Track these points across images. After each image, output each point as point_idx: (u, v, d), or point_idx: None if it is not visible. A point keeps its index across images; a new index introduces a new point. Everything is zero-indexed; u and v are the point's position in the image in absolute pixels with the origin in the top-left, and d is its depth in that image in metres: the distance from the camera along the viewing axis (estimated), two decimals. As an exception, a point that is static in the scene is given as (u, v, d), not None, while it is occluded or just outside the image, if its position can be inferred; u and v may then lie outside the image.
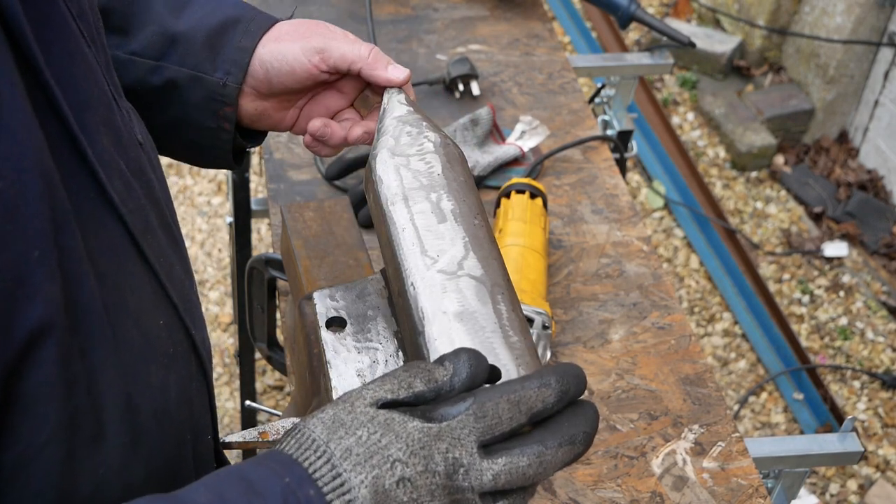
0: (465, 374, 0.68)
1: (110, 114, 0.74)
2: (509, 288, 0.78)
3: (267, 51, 0.95)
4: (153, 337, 0.73)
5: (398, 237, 0.82)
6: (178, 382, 0.77)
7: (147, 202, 0.76)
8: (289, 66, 0.95)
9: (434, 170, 0.85)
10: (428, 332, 0.75)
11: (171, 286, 0.76)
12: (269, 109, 0.99)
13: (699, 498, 1.24)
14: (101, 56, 0.76)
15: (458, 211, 0.82)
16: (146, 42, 0.96)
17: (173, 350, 0.76)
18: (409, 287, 0.78)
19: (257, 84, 0.96)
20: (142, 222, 0.74)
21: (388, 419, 0.65)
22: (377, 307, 0.87)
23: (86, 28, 0.73)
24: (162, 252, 0.76)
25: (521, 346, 0.74)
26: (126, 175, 0.73)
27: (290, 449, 0.65)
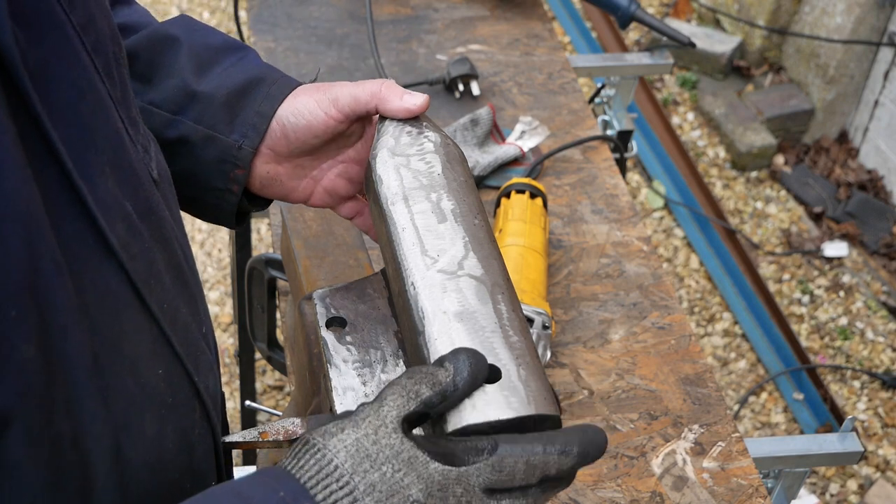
0: (466, 372, 0.69)
1: (120, 153, 0.71)
2: (509, 288, 0.78)
3: (283, 107, 0.93)
4: (149, 386, 0.71)
5: (398, 237, 0.81)
6: (177, 431, 0.75)
7: (154, 244, 0.73)
8: (305, 120, 0.92)
9: (434, 170, 0.85)
10: (428, 331, 0.75)
11: (173, 333, 0.74)
12: (282, 175, 0.96)
13: (699, 498, 1.24)
14: (118, 90, 0.74)
15: (458, 211, 0.82)
16: (166, 94, 0.94)
17: (172, 399, 0.75)
18: (409, 287, 0.78)
19: (274, 143, 0.94)
20: (145, 267, 0.71)
21: (412, 457, 0.65)
22: (377, 307, 0.87)
23: (101, 62, 0.71)
24: (167, 298, 0.74)
25: (521, 346, 0.74)
26: (132, 218, 0.71)
27: (307, 471, 0.65)
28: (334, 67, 1.82)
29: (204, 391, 0.79)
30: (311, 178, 0.97)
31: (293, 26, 1.91)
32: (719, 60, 3.69)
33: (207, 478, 0.83)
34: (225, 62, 0.96)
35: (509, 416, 0.69)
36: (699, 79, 3.75)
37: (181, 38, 0.96)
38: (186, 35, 0.97)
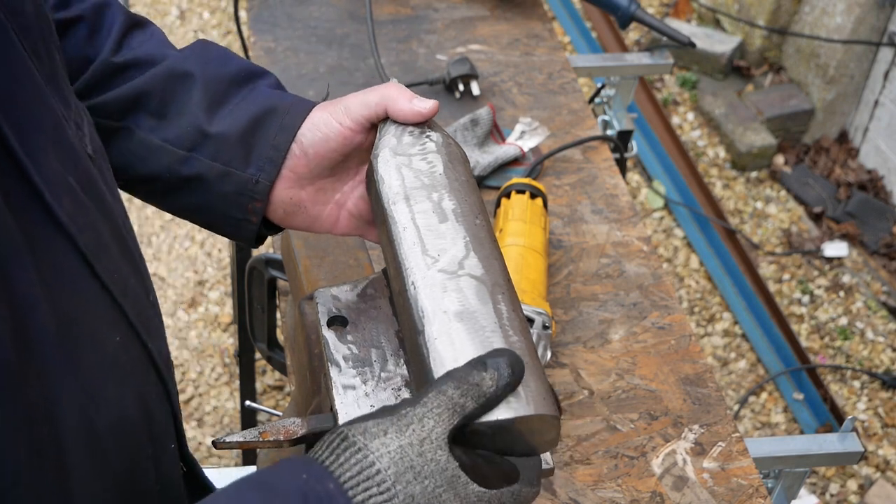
0: (509, 378, 0.69)
1: (59, 130, 0.73)
2: (510, 288, 0.78)
3: (309, 121, 0.93)
4: (109, 354, 0.73)
5: (399, 236, 0.81)
6: (136, 396, 0.77)
7: (99, 216, 0.76)
8: (322, 133, 0.92)
9: (436, 169, 0.85)
10: (428, 331, 0.75)
11: (125, 302, 0.76)
12: (305, 202, 0.95)
13: (699, 498, 1.24)
14: (46, 69, 0.75)
15: (459, 210, 0.82)
16: (179, 131, 0.94)
17: (130, 366, 0.76)
18: (410, 286, 0.78)
19: (295, 165, 0.94)
20: (94, 239, 0.73)
21: (454, 476, 0.67)
22: (378, 307, 0.87)
23: (29, 42, 0.72)
24: (116, 268, 0.76)
25: (521, 346, 0.74)
26: (76, 192, 0.73)
27: (347, 470, 0.66)
28: (334, 67, 1.82)
29: (157, 356, 0.81)
30: (334, 203, 0.96)
31: (293, 26, 1.91)
32: (719, 60, 3.69)
33: (167, 442, 0.84)
34: (237, 96, 0.96)
35: (509, 416, 0.69)
36: (699, 79, 3.75)
37: (195, 73, 0.95)
38: (200, 69, 0.96)
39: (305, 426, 0.87)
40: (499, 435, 0.71)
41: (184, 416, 2.68)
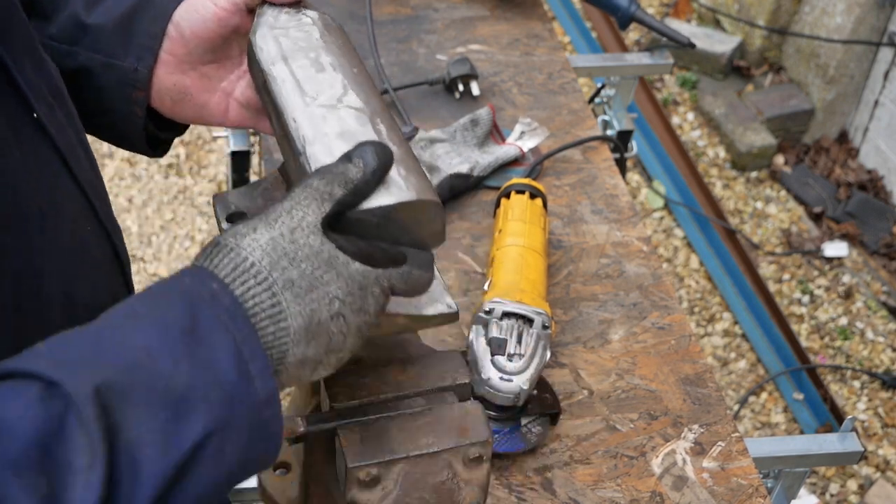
0: (375, 164, 0.71)
1: (32, 42, 0.79)
2: (390, 118, 0.81)
3: (177, 10, 0.95)
4: (84, 242, 0.80)
5: (279, 89, 0.83)
6: (107, 286, 0.84)
7: (67, 123, 0.82)
8: (198, 15, 0.94)
9: (313, 35, 0.87)
10: (309, 151, 0.77)
11: (95, 199, 0.83)
12: (190, 88, 0.97)
13: (699, 498, 1.24)
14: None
15: (337, 63, 0.84)
16: (61, 27, 0.97)
17: (100, 256, 0.84)
18: (290, 122, 0.80)
19: (173, 48, 0.95)
20: (67, 142, 0.80)
21: (332, 257, 0.67)
22: (276, 198, 0.88)
23: None
24: (85, 169, 0.83)
25: (400, 154, 0.76)
26: (48, 98, 0.79)
27: (222, 269, 0.66)
28: (334, 67, 1.82)
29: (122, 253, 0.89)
30: (221, 91, 0.98)
31: (293, 26, 1.91)
32: (719, 60, 3.69)
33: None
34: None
35: (389, 202, 0.71)
36: (699, 79, 3.75)
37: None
38: None
39: (305, 424, 0.87)
40: (383, 224, 0.72)
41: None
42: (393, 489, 0.83)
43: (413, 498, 0.84)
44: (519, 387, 1.22)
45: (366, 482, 0.82)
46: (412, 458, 0.83)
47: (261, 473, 1.01)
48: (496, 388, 1.22)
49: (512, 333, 1.26)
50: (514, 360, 1.24)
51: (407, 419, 0.85)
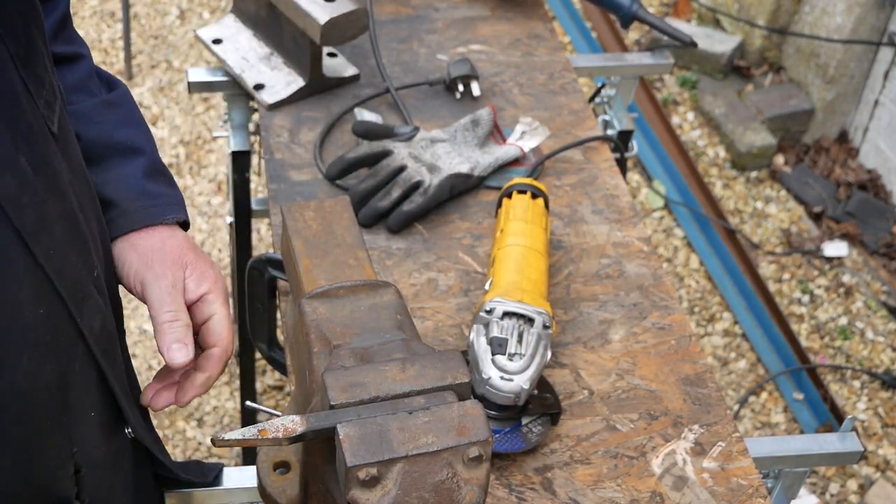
0: None
1: (16, 109, 0.76)
2: None
3: (118, 248, 0.97)
4: (29, 326, 0.77)
5: None
6: (54, 368, 0.81)
7: (49, 196, 0.79)
8: (122, 270, 0.96)
9: None
10: None
11: (59, 280, 0.80)
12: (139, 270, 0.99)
13: (699, 498, 1.24)
14: (21, 48, 0.78)
15: None
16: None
17: (52, 338, 0.80)
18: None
19: (115, 251, 0.98)
20: (35, 218, 0.77)
21: None
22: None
23: (2, 23, 0.75)
24: (55, 246, 0.80)
25: None
26: (24, 171, 0.76)
27: None
28: (335, 67, 1.82)
29: (88, 332, 0.85)
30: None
31: (293, 26, 1.91)
32: (719, 60, 3.69)
33: (85, 411, 0.88)
34: (105, 166, 0.99)
35: None
36: (699, 79, 3.75)
37: (80, 132, 0.98)
38: (86, 126, 1.00)
39: (305, 424, 0.87)
40: None
41: (184, 416, 2.68)
42: (392, 488, 0.83)
43: (413, 497, 0.84)
44: (519, 386, 1.22)
45: (365, 481, 0.82)
46: (412, 457, 0.83)
47: (261, 473, 1.01)
48: (497, 387, 1.22)
49: (513, 333, 1.26)
50: (515, 359, 1.24)
51: (407, 418, 0.85)
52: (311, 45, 1.68)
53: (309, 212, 1.18)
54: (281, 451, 1.03)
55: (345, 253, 1.13)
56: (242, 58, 1.79)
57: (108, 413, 0.91)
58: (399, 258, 1.49)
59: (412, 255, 1.50)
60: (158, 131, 3.41)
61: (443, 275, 1.47)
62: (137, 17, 3.80)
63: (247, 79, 1.75)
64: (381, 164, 1.57)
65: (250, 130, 1.91)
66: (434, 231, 1.54)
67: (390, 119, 1.72)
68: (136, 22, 3.77)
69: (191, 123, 3.46)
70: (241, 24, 1.85)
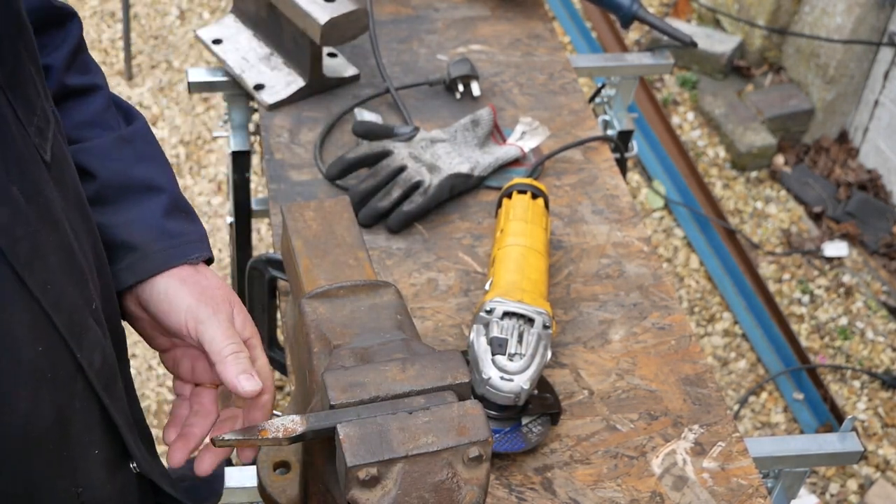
0: None
1: (5, 137, 0.73)
2: None
3: (164, 283, 0.93)
4: (26, 361, 0.74)
5: None
6: (54, 404, 0.78)
7: (42, 225, 0.75)
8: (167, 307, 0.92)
9: None
10: None
11: (55, 312, 0.76)
12: (144, 322, 0.96)
13: (699, 498, 1.24)
14: (5, 72, 0.74)
15: None
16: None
17: (51, 374, 0.77)
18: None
19: (140, 293, 0.94)
20: (29, 249, 0.73)
21: None
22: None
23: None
24: (51, 278, 0.76)
25: None
26: (16, 200, 0.72)
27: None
28: (335, 67, 1.82)
29: (88, 367, 0.81)
30: (171, 340, 0.97)
31: (293, 26, 1.91)
32: (719, 60, 3.69)
33: (88, 448, 0.84)
34: (121, 204, 0.97)
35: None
36: (699, 79, 3.75)
37: (95, 170, 0.96)
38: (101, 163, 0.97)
39: (305, 424, 0.87)
40: None
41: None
42: (392, 488, 0.83)
43: (412, 497, 0.84)
44: (520, 386, 1.22)
45: (365, 481, 0.82)
46: (412, 457, 0.83)
47: (261, 473, 1.01)
48: (497, 387, 1.22)
49: (513, 333, 1.26)
50: (515, 359, 1.24)
51: (407, 418, 0.85)
52: (311, 45, 1.68)
53: (309, 212, 1.18)
54: (281, 451, 1.03)
55: (345, 253, 1.13)
56: (242, 58, 1.79)
57: (112, 449, 0.88)
58: (399, 258, 1.49)
59: (412, 255, 1.50)
60: (158, 131, 3.41)
61: (443, 275, 1.47)
62: (137, 17, 3.80)
63: (247, 79, 1.75)
64: (381, 164, 1.57)
65: (250, 130, 1.91)
66: (434, 231, 1.54)
67: (390, 119, 1.72)
68: (136, 22, 3.77)
69: (191, 123, 3.46)
70: (241, 25, 1.85)
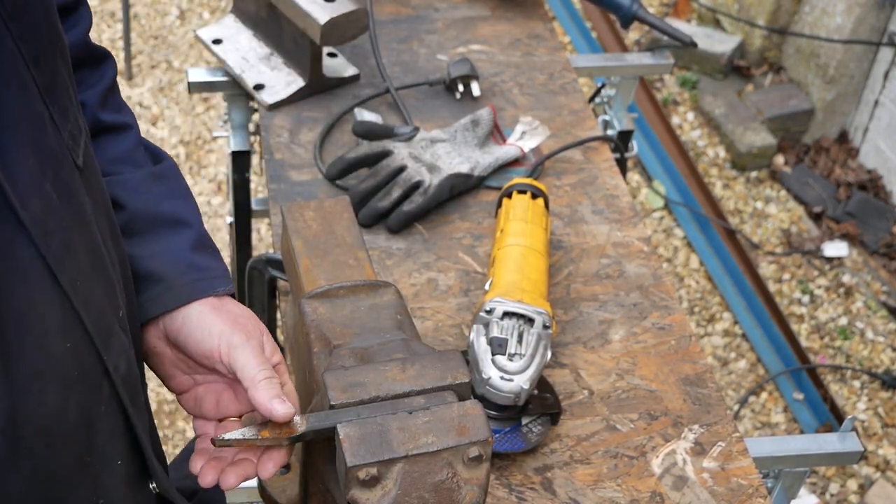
0: None
1: (41, 137, 0.74)
2: None
3: (197, 310, 0.94)
4: (55, 358, 0.74)
5: None
6: (81, 406, 0.78)
7: (73, 225, 0.77)
8: (200, 334, 0.93)
9: None
10: None
11: (84, 311, 0.77)
12: (165, 358, 0.96)
13: (699, 498, 1.24)
14: (46, 78, 0.76)
15: None
16: None
17: (78, 373, 0.77)
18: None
19: (169, 323, 0.94)
20: (61, 246, 0.74)
21: None
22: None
23: (29, 49, 0.74)
24: (81, 277, 0.77)
25: None
26: (50, 197, 0.74)
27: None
28: (335, 67, 1.82)
29: (114, 371, 0.82)
30: (193, 378, 0.97)
31: (293, 26, 1.91)
32: (719, 60, 3.69)
33: (111, 459, 0.84)
34: (149, 237, 0.98)
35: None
36: (699, 79, 3.75)
37: (125, 202, 0.97)
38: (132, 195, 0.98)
39: (305, 424, 0.87)
40: None
41: (184, 416, 2.68)
42: (392, 488, 0.83)
43: (412, 497, 0.84)
44: (519, 386, 1.22)
45: (365, 481, 0.82)
46: (412, 457, 0.83)
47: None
48: (497, 387, 1.22)
49: (513, 333, 1.26)
50: (515, 359, 1.24)
51: (407, 418, 0.85)
52: (311, 45, 1.68)
53: (309, 212, 1.18)
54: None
55: (345, 253, 1.13)
56: (242, 58, 1.79)
57: (133, 464, 0.89)
58: (399, 258, 1.49)
59: (412, 255, 1.50)
60: (158, 131, 3.41)
61: (443, 275, 1.47)
62: (137, 17, 3.80)
63: (247, 79, 1.75)
64: (381, 164, 1.57)
65: (250, 130, 1.91)
66: (434, 231, 1.54)
67: (390, 119, 1.72)
68: (136, 22, 3.77)
69: (191, 123, 3.46)
70: (241, 24, 1.85)
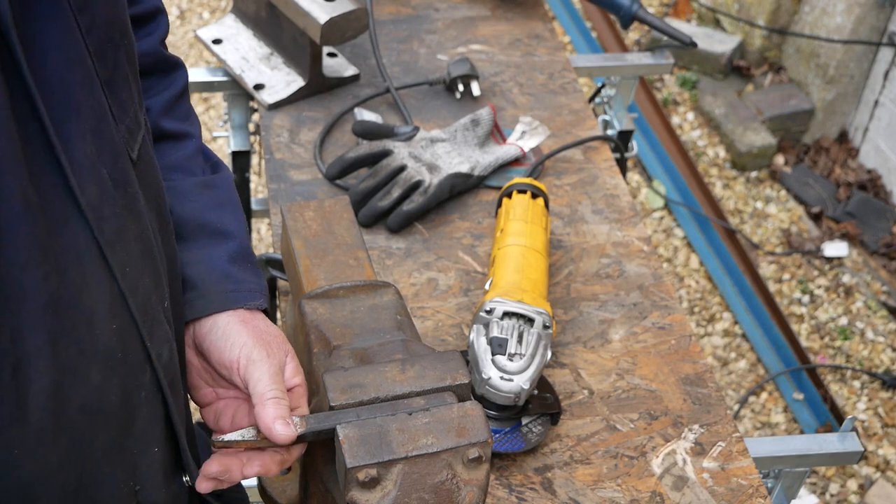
0: None
1: (102, 125, 0.76)
2: None
3: (226, 320, 0.95)
4: (102, 339, 0.76)
5: None
6: (122, 388, 0.79)
7: (126, 213, 0.79)
8: (223, 343, 0.93)
9: None
10: None
11: (131, 296, 0.79)
12: (192, 367, 0.97)
13: (699, 498, 1.24)
14: (108, 71, 0.79)
15: None
16: None
17: (122, 355, 0.79)
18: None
19: (198, 329, 0.95)
20: (113, 231, 0.77)
21: None
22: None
23: (94, 42, 0.76)
24: (131, 262, 0.79)
25: None
26: (106, 184, 0.76)
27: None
28: (334, 67, 1.82)
29: (156, 358, 0.83)
30: (215, 390, 0.98)
31: (293, 26, 1.91)
32: (719, 60, 3.69)
33: (150, 444, 0.85)
34: (193, 243, 0.99)
35: None
36: (699, 79, 3.74)
37: (172, 208, 0.98)
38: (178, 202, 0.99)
39: (305, 425, 0.87)
40: None
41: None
42: (392, 489, 0.83)
43: (412, 498, 0.84)
44: (519, 386, 1.22)
45: (365, 482, 0.82)
46: (411, 458, 0.83)
47: (261, 473, 1.01)
48: (497, 387, 1.22)
49: (513, 333, 1.26)
50: (515, 359, 1.24)
51: (406, 419, 0.85)
52: (311, 45, 1.68)
53: (309, 212, 1.18)
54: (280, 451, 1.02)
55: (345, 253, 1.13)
56: (242, 58, 1.79)
57: (169, 454, 0.89)
58: (399, 258, 1.49)
59: (412, 255, 1.50)
60: (158, 131, 3.41)
61: (443, 275, 1.47)
62: (137, 17, 3.80)
63: (247, 79, 1.75)
64: (381, 164, 1.57)
65: (250, 130, 1.91)
66: (434, 231, 1.54)
67: (390, 119, 1.72)
68: (135, 22, 3.76)
69: (191, 123, 3.46)
70: (241, 24, 1.85)
